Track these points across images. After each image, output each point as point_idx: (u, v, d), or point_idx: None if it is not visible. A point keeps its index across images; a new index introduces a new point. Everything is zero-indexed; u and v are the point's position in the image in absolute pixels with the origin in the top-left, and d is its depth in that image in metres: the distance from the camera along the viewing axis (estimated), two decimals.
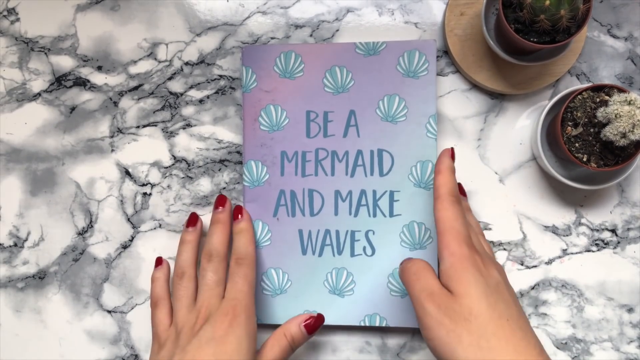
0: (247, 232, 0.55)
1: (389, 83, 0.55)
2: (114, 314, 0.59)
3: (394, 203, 0.55)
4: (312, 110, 0.56)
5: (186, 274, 0.53)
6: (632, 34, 0.57)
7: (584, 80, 0.57)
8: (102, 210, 0.60)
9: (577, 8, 0.47)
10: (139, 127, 0.59)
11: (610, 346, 0.56)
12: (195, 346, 0.47)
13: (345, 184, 0.55)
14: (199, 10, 0.59)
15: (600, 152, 0.51)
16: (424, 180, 0.54)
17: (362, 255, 0.55)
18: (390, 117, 0.55)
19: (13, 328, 0.59)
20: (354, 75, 0.55)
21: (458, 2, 0.56)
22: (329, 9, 0.59)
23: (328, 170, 0.55)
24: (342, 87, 0.55)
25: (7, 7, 0.60)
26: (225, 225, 0.54)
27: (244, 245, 0.54)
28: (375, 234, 0.55)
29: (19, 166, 0.60)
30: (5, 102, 0.60)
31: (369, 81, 0.55)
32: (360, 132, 0.55)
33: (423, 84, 0.54)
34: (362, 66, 0.55)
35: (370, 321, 0.55)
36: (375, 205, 0.55)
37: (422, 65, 0.54)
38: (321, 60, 0.56)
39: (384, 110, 0.55)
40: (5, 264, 0.60)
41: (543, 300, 0.57)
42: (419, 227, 0.54)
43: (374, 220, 0.55)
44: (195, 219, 0.56)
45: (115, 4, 0.59)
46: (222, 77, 0.59)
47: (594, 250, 0.57)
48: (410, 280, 0.44)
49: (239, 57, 0.59)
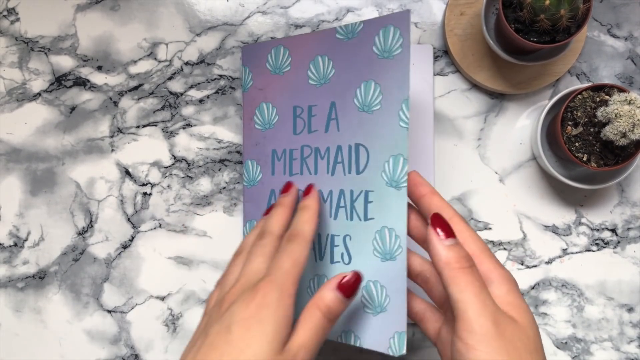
0: (310, 209, 0.47)
1: (365, 68, 0.48)
2: (114, 313, 0.59)
3: (368, 205, 0.48)
4: (298, 106, 0.52)
5: (274, 233, 0.46)
6: (632, 34, 0.57)
7: (584, 80, 0.57)
8: (102, 210, 0.60)
9: (577, 8, 0.47)
10: (139, 127, 0.59)
11: (610, 346, 0.56)
12: (215, 332, 0.41)
13: (326, 183, 0.51)
14: (199, 10, 0.59)
15: (600, 152, 0.51)
16: (394, 178, 0.47)
17: (340, 262, 0.49)
18: (366, 107, 0.48)
19: (13, 328, 0.59)
20: (335, 64, 0.50)
21: (458, 2, 0.56)
22: (328, 8, 0.59)
23: (312, 169, 0.51)
24: (324, 78, 0.51)
25: (7, 7, 0.60)
26: (286, 209, 0.48)
27: (301, 222, 0.46)
28: (351, 240, 0.49)
29: (19, 166, 0.60)
30: (5, 102, 0.60)
31: (347, 68, 0.49)
32: (340, 125, 0.50)
33: (397, 64, 0.46)
34: (342, 52, 0.50)
35: (346, 338, 0.48)
36: (352, 207, 0.49)
37: (397, 42, 0.46)
38: (305, 51, 0.52)
39: (361, 99, 0.49)
40: (5, 264, 0.60)
41: (543, 300, 0.57)
42: (389, 234, 0.47)
43: (351, 224, 0.49)
44: (289, 186, 0.51)
45: (115, 4, 0.59)
46: (222, 77, 0.59)
47: (594, 250, 0.57)
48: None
49: (239, 56, 0.59)
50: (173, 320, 0.58)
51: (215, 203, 0.59)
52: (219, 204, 0.59)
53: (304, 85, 0.52)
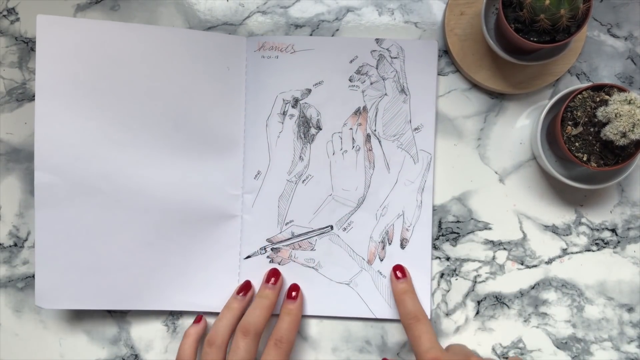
0: (295, 316, 0.54)
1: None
2: (114, 313, 0.59)
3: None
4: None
5: (216, 343, 0.52)
6: (632, 34, 0.57)
7: (584, 79, 0.57)
8: None
9: (577, 7, 0.47)
10: None
11: (610, 346, 0.56)
12: None
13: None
14: (199, 10, 0.59)
15: (600, 152, 0.51)
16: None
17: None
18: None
19: (13, 328, 0.59)
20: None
21: (458, 2, 0.56)
22: (328, 8, 0.59)
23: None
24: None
25: (7, 7, 0.60)
26: (271, 303, 0.54)
27: (288, 329, 0.53)
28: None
29: (19, 166, 0.60)
30: (5, 102, 0.60)
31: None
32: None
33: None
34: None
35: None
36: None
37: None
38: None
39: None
40: (5, 264, 0.60)
41: (543, 300, 0.57)
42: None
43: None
44: (248, 287, 0.56)
45: (115, 4, 0.59)
46: None
47: (594, 249, 0.57)
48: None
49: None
50: (173, 320, 0.58)
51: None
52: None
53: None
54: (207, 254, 0.57)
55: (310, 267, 0.57)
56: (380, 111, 0.57)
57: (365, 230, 0.57)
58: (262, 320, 0.52)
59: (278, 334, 0.52)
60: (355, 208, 0.57)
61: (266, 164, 0.57)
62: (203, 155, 0.56)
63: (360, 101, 0.57)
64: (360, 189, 0.57)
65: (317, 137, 0.57)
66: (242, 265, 0.57)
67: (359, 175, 0.57)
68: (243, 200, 0.57)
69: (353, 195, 0.57)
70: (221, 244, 0.57)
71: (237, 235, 0.57)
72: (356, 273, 0.57)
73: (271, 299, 0.54)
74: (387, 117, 0.57)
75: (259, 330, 0.52)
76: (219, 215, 0.57)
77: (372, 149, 0.57)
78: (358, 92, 0.57)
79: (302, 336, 0.58)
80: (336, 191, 0.57)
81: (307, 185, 0.57)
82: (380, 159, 0.57)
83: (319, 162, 0.57)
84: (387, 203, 0.57)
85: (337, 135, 0.57)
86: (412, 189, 0.57)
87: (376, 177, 0.57)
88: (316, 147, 0.57)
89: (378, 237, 0.57)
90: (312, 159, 0.57)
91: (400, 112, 0.57)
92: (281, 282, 0.56)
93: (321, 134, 0.57)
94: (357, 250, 0.57)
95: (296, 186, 0.57)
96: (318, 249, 0.57)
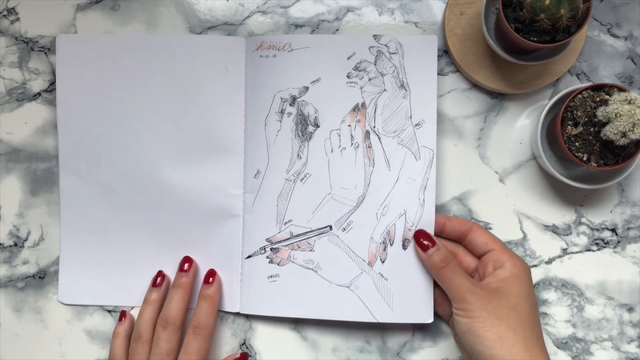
0: (212, 300, 0.55)
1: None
2: (114, 313, 0.59)
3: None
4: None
5: (142, 337, 0.54)
6: (632, 33, 0.57)
7: (584, 79, 0.57)
8: None
9: (577, 7, 0.47)
10: None
11: (610, 345, 0.56)
12: None
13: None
14: (199, 9, 0.59)
15: (600, 152, 0.51)
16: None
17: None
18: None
19: (13, 328, 0.59)
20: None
21: (458, 2, 0.56)
22: (328, 8, 0.59)
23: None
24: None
25: (7, 7, 0.60)
26: (186, 292, 0.55)
27: (205, 315, 0.54)
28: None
29: (19, 166, 0.60)
30: (5, 102, 0.60)
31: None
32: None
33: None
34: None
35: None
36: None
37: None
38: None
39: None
40: (5, 264, 0.60)
41: (543, 300, 0.57)
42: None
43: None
44: (162, 279, 0.57)
45: (115, 3, 0.59)
46: None
47: (594, 249, 0.57)
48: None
49: None
50: None
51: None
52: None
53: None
54: (210, 254, 0.57)
55: (310, 269, 0.56)
56: (379, 107, 0.56)
57: (365, 230, 0.56)
58: (179, 309, 0.54)
59: (196, 320, 0.53)
60: (354, 207, 0.56)
61: (265, 163, 0.57)
62: (205, 156, 0.57)
63: (358, 98, 0.56)
64: (360, 187, 0.56)
65: (315, 134, 0.57)
66: (244, 265, 0.57)
67: (358, 173, 0.56)
68: (244, 200, 0.57)
69: (352, 194, 0.56)
70: (224, 243, 0.57)
71: (239, 234, 0.57)
72: (356, 275, 0.56)
73: (185, 287, 0.55)
74: (387, 113, 0.56)
75: (178, 320, 0.53)
76: (222, 215, 0.57)
77: (372, 146, 0.56)
78: (356, 89, 0.56)
79: (302, 336, 0.58)
80: (335, 190, 0.56)
81: (305, 184, 0.56)
82: (380, 157, 0.56)
83: (317, 160, 0.56)
84: (388, 202, 0.56)
85: (335, 133, 0.56)
86: (414, 187, 0.55)
87: (376, 175, 0.56)
88: (314, 145, 0.57)
89: (379, 238, 0.56)
90: (310, 157, 0.57)
91: (400, 108, 0.56)
92: (195, 268, 0.57)
93: (319, 132, 0.57)
94: (357, 252, 0.56)
95: (295, 185, 0.56)
96: (317, 250, 0.56)
